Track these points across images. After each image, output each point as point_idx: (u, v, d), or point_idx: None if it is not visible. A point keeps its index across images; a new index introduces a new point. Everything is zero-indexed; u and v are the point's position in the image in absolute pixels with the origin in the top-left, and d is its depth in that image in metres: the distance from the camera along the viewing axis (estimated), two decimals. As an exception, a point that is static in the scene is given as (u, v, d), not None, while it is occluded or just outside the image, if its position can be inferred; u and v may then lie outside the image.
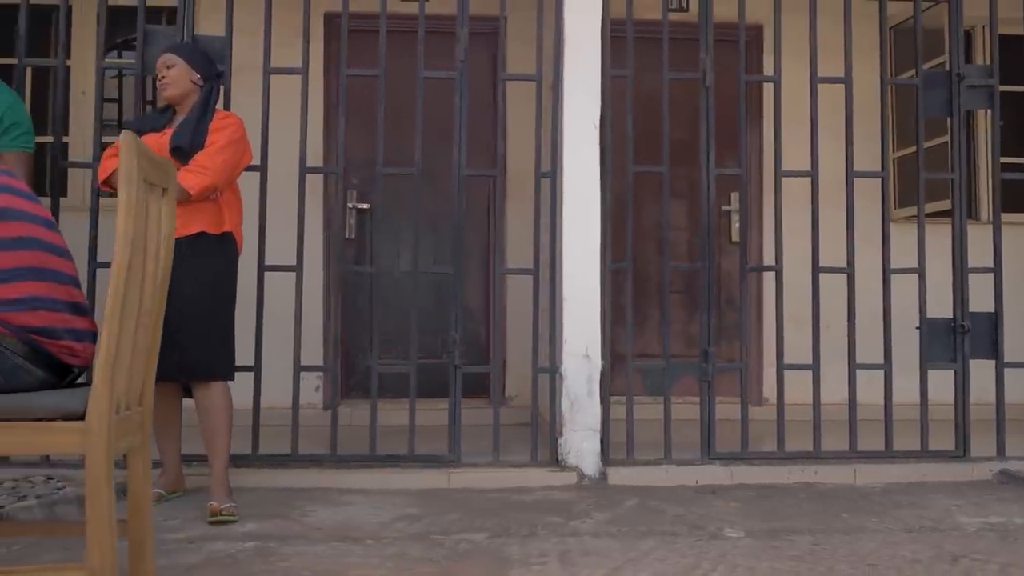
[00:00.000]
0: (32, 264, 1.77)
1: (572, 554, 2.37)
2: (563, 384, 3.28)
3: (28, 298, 1.73)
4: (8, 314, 1.70)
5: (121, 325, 1.75)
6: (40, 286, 1.76)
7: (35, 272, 1.76)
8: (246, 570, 2.22)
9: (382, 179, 3.33)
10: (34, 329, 1.73)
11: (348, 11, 3.32)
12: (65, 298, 1.81)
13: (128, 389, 1.84)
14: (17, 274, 1.73)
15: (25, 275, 1.75)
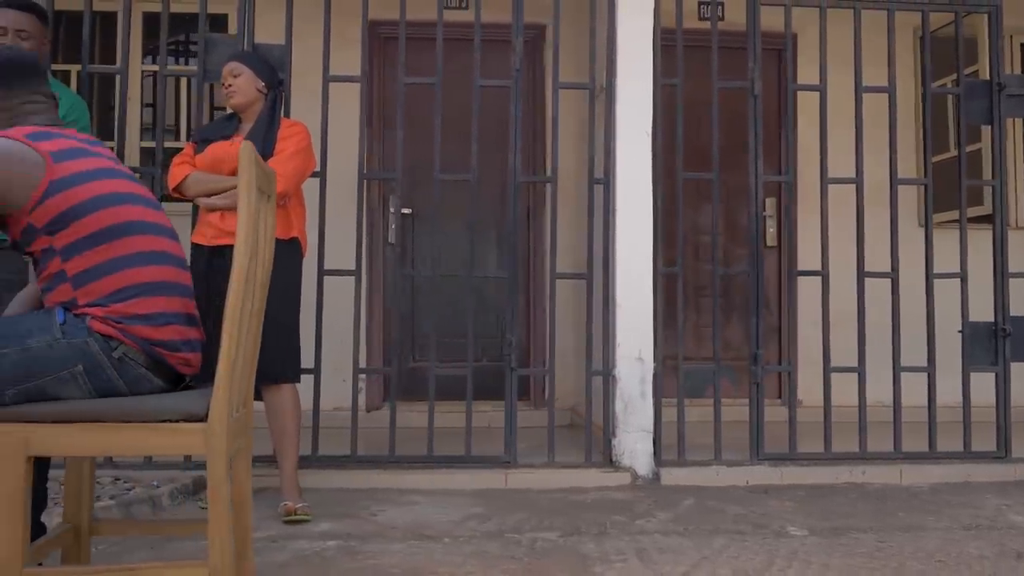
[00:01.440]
0: (163, 279, 1.81)
1: (648, 552, 2.43)
2: (616, 386, 3.34)
3: (156, 314, 1.78)
4: (137, 327, 1.75)
5: (239, 329, 1.81)
6: (167, 301, 1.81)
7: (165, 287, 1.81)
8: (337, 568, 2.28)
9: (438, 184, 3.38)
10: (157, 342, 1.78)
11: (405, 20, 3.38)
12: (183, 311, 1.86)
13: (240, 391, 1.90)
14: (150, 288, 1.78)
15: (157, 290, 1.79)
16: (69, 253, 1.73)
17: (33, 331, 1.70)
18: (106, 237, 1.75)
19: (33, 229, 1.72)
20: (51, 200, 1.71)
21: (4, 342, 1.68)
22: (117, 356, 1.74)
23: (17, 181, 1.69)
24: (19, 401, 1.70)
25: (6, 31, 2.87)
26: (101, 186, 1.77)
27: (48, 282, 1.76)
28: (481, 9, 3.42)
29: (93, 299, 1.74)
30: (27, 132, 1.77)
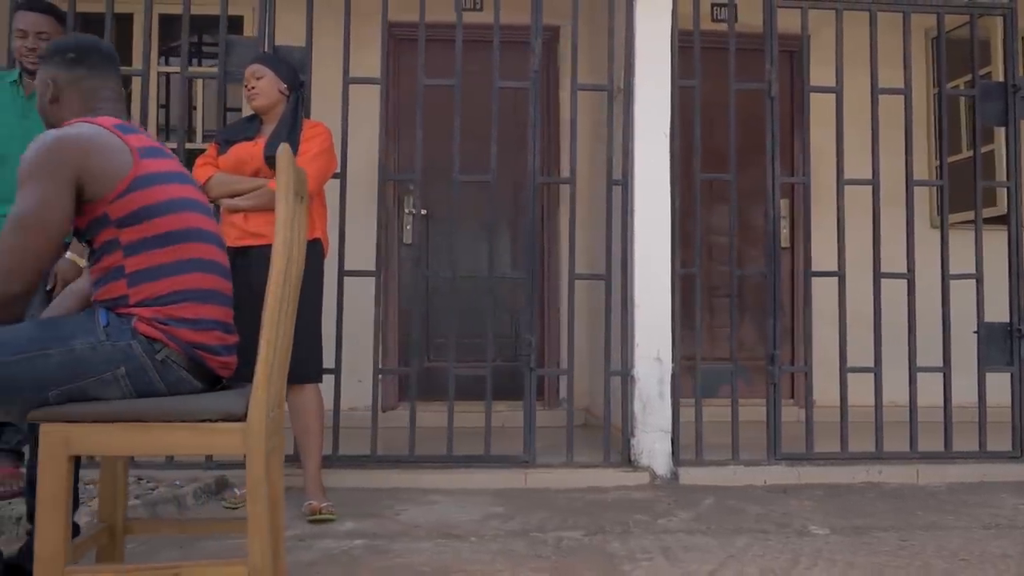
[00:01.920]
0: (211, 287, 1.84)
1: (674, 550, 2.45)
2: (635, 386, 3.36)
3: (201, 319, 1.80)
4: (181, 330, 1.77)
5: (276, 331, 1.83)
6: (211, 309, 1.83)
7: (212, 295, 1.84)
8: (367, 567, 2.30)
9: (457, 185, 3.40)
10: (199, 345, 1.80)
11: (424, 22, 3.40)
12: (224, 319, 1.88)
13: (276, 391, 1.91)
14: (200, 295, 1.80)
15: (206, 297, 1.82)
16: (133, 250, 1.75)
17: (77, 333, 1.72)
18: (170, 240, 1.78)
19: (106, 220, 1.74)
20: (131, 195, 1.73)
21: (49, 343, 1.70)
22: (160, 358, 1.76)
23: (108, 171, 1.72)
24: (61, 401, 1.71)
25: (26, 34, 2.89)
26: (174, 190, 1.80)
27: (102, 275, 1.78)
28: (486, 10, 3.43)
29: (144, 298, 1.75)
30: (115, 123, 1.80)
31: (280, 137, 2.89)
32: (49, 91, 1.88)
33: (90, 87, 1.91)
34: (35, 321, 1.81)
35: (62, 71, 1.89)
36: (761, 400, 3.76)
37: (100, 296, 1.80)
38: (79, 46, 1.92)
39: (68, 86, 1.89)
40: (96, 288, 1.81)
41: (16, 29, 2.91)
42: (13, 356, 1.67)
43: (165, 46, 4.83)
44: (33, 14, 2.90)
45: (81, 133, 1.77)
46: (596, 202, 4.18)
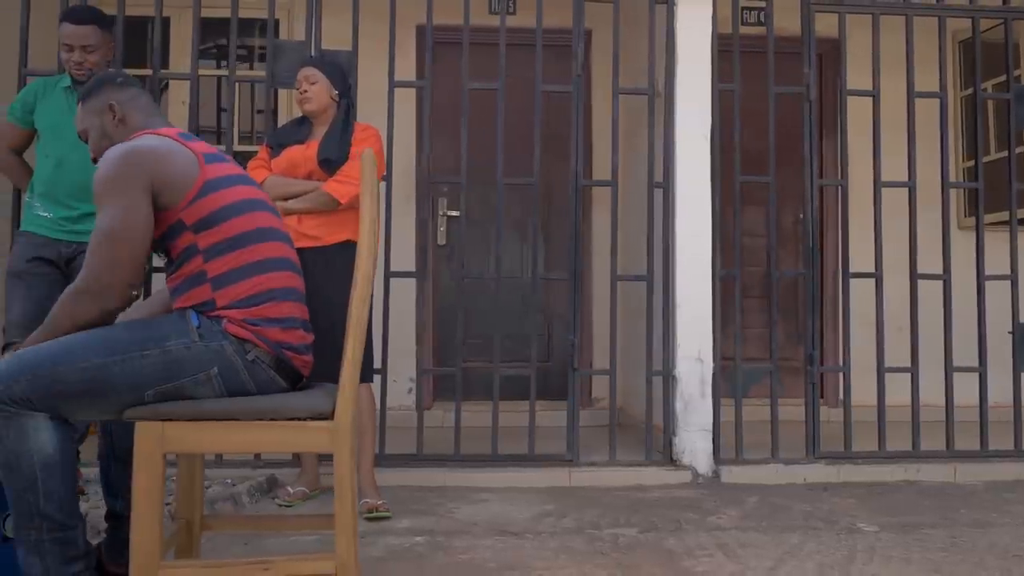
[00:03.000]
0: (289, 285, 1.89)
1: (730, 547, 2.50)
2: (677, 386, 3.41)
3: (286, 318, 1.85)
4: (270, 331, 1.82)
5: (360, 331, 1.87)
6: (292, 306, 1.88)
7: (291, 293, 1.89)
8: (433, 563, 2.34)
9: (502, 188, 3.44)
10: (287, 345, 1.85)
11: (469, 25, 3.44)
12: (304, 316, 1.93)
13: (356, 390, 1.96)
14: (281, 294, 1.85)
15: (286, 295, 1.87)
16: (211, 254, 1.79)
17: (171, 334, 1.77)
18: (245, 241, 1.82)
19: (182, 226, 1.78)
20: (203, 200, 1.78)
21: (145, 344, 1.74)
22: (250, 359, 1.80)
23: (178, 180, 1.77)
24: (156, 401, 1.76)
25: (72, 47, 2.93)
26: (241, 191, 1.85)
27: (184, 281, 1.82)
28: (519, 13, 3.47)
29: (231, 301, 1.80)
30: (178, 132, 1.86)
31: (333, 140, 2.93)
32: (114, 114, 1.94)
33: (144, 103, 2.00)
34: (130, 323, 1.85)
35: (118, 94, 1.96)
36: (793, 400, 3.82)
37: (184, 303, 1.84)
38: (120, 72, 2.06)
39: (127, 104, 1.96)
40: (177, 295, 1.86)
41: (62, 43, 2.95)
42: (111, 357, 1.72)
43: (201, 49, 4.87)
44: (77, 26, 2.94)
45: (150, 144, 1.82)
46: (630, 204, 4.22)
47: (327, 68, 3.04)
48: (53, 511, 1.71)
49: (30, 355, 1.70)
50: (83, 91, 2.00)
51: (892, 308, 3.61)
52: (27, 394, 1.67)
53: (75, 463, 1.77)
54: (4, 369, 1.67)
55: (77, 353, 1.71)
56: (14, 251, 3.01)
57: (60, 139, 2.98)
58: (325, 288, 2.78)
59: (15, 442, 1.67)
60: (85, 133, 1.97)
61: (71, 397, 1.71)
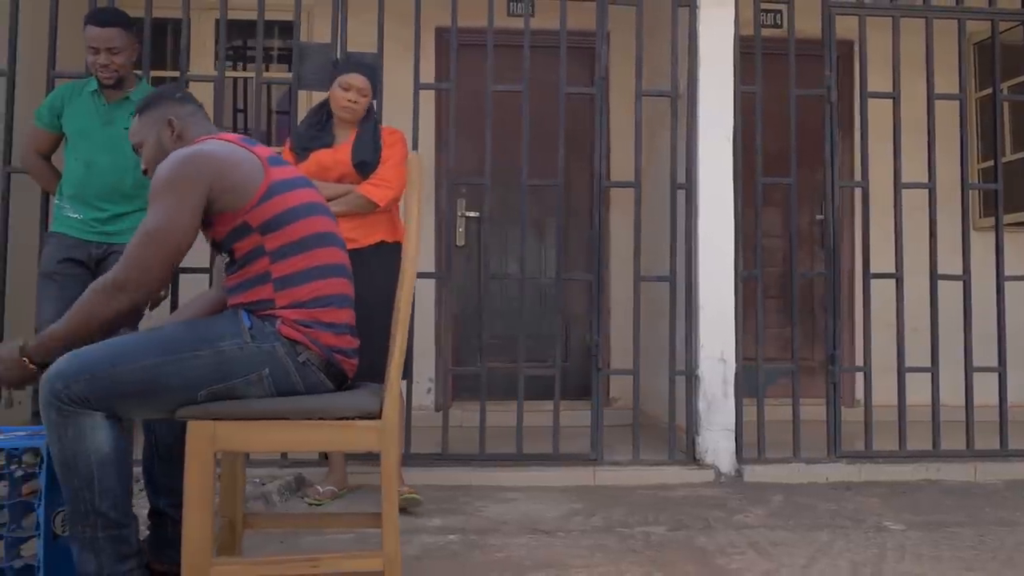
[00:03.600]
0: (344, 292, 1.92)
1: (761, 545, 2.52)
2: (700, 386, 3.43)
3: (339, 323, 1.89)
4: (323, 334, 1.85)
5: (403, 330, 1.90)
6: (346, 313, 1.92)
7: (346, 299, 1.93)
8: (471, 561, 2.37)
9: (525, 189, 3.47)
10: (337, 349, 1.88)
11: (493, 27, 3.46)
12: (352, 322, 1.96)
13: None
14: (337, 300, 1.89)
15: (342, 302, 1.90)
16: (278, 256, 1.82)
17: (224, 335, 1.79)
18: (310, 245, 1.85)
19: (247, 228, 1.81)
20: (268, 202, 1.81)
21: (199, 345, 1.77)
22: (301, 361, 1.83)
23: (243, 184, 1.80)
24: (208, 400, 1.78)
25: (98, 50, 2.96)
26: (303, 195, 1.88)
27: (246, 280, 1.85)
28: (538, 16, 3.49)
29: (290, 303, 1.83)
30: (240, 137, 1.89)
31: (365, 144, 2.95)
32: (172, 129, 1.96)
33: (201, 119, 2.03)
34: (183, 323, 1.88)
35: (177, 108, 1.99)
36: (810, 399, 3.84)
37: (242, 299, 1.87)
38: (179, 88, 2.13)
39: (186, 120, 1.98)
40: (236, 292, 1.88)
41: (88, 46, 2.97)
42: (166, 357, 1.75)
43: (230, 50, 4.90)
44: (101, 29, 2.96)
45: (212, 149, 1.85)
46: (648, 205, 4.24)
47: (375, 78, 3.02)
48: (108, 509, 1.73)
49: (87, 355, 1.72)
50: (140, 104, 2.02)
51: (907, 309, 3.63)
52: (85, 394, 1.69)
53: (130, 462, 1.80)
54: (63, 369, 1.70)
55: (133, 353, 1.73)
56: (45, 252, 3.03)
57: (88, 142, 3.01)
58: (362, 289, 2.79)
59: (73, 441, 1.70)
60: (140, 145, 1.99)
61: (127, 396, 1.73)
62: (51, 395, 1.69)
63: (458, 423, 4.02)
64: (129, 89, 3.06)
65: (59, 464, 1.72)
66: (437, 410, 4.51)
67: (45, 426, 1.73)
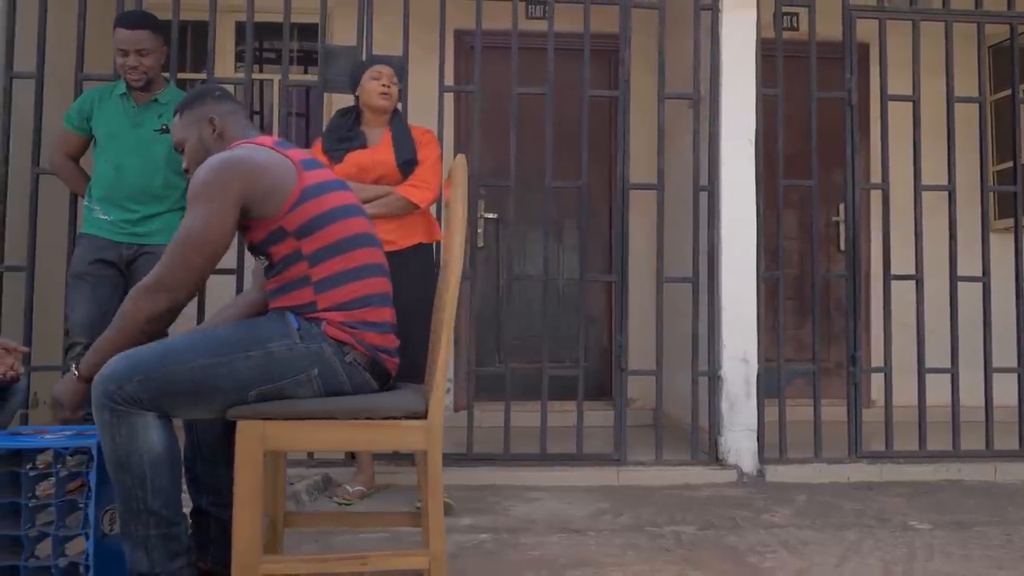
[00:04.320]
0: (384, 291, 1.94)
1: (792, 544, 2.55)
2: (722, 387, 3.46)
3: (382, 322, 1.91)
4: (368, 334, 1.87)
5: (449, 330, 1.92)
6: (387, 311, 1.94)
7: (386, 298, 1.95)
8: (505, 558, 2.39)
9: (549, 191, 3.49)
10: (382, 348, 1.90)
11: (517, 30, 3.49)
12: (394, 321, 1.99)
13: (442, 389, 2.00)
14: (378, 299, 1.91)
15: (382, 301, 1.93)
16: (316, 259, 1.84)
17: (273, 336, 1.81)
18: (347, 247, 1.87)
19: (283, 232, 1.83)
20: (303, 206, 1.83)
21: (249, 346, 1.79)
22: (348, 361, 1.85)
23: (276, 189, 1.82)
24: (258, 400, 1.80)
25: (127, 52, 2.98)
26: (338, 197, 1.90)
27: (286, 284, 1.87)
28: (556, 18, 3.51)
29: (331, 305, 1.85)
30: (275, 140, 1.91)
31: (403, 144, 2.96)
32: (213, 128, 1.99)
33: (241, 117, 2.06)
34: (232, 324, 1.90)
35: (217, 107, 2.01)
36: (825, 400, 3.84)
37: (284, 303, 1.89)
38: (218, 87, 2.11)
39: (226, 118, 2.01)
40: (277, 296, 1.91)
41: (117, 48, 3.00)
42: (217, 358, 1.77)
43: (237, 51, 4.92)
44: (131, 31, 2.98)
45: (247, 155, 1.87)
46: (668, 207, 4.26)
47: (402, 73, 3.05)
48: (160, 508, 1.75)
49: (139, 356, 1.74)
50: (181, 103, 2.04)
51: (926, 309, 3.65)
52: (138, 394, 1.71)
53: (180, 461, 1.82)
54: (116, 370, 1.72)
55: (185, 354, 1.75)
56: (76, 253, 3.06)
57: (118, 144, 3.03)
58: (401, 290, 2.82)
59: (126, 440, 1.72)
60: (181, 144, 2.01)
61: (179, 396, 1.75)
62: (104, 396, 1.71)
63: (477, 423, 4.05)
64: (157, 91, 3.09)
65: (112, 464, 1.74)
66: (456, 410, 4.54)
67: (98, 426, 1.74)
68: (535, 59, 3.63)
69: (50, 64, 3.35)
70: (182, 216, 3.10)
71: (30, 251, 3.30)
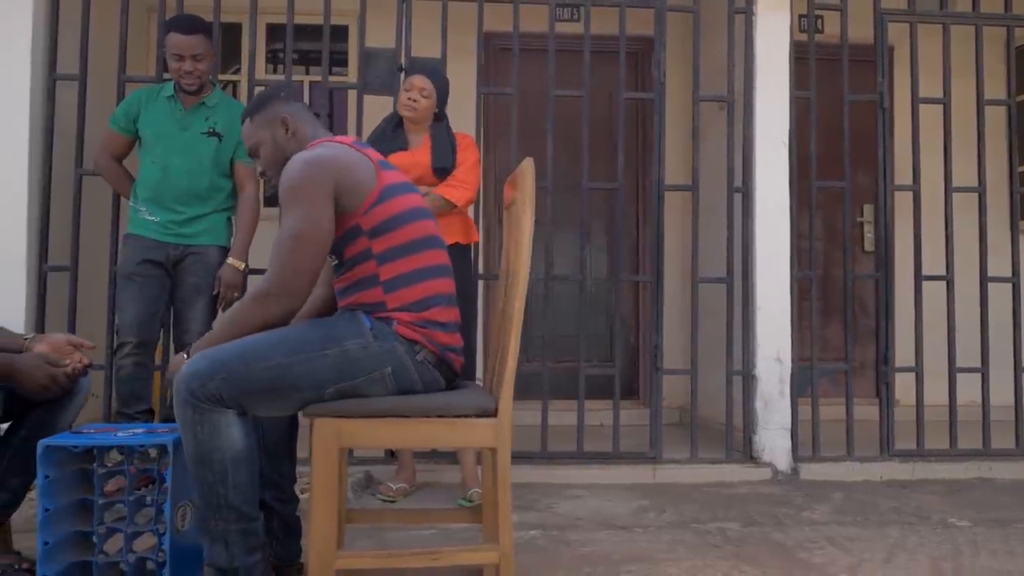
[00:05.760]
0: (450, 291, 1.98)
1: (838, 540, 2.59)
2: (757, 386, 3.50)
3: (450, 322, 1.95)
4: (438, 334, 1.91)
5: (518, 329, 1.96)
6: (454, 312, 1.98)
7: (452, 299, 1.99)
8: (559, 554, 2.43)
9: (586, 192, 3.53)
10: (450, 347, 1.94)
11: (556, 33, 3.53)
12: (459, 321, 2.02)
13: (506, 388, 2.04)
14: (445, 299, 1.95)
15: (450, 301, 1.97)
16: (385, 259, 1.88)
17: (348, 335, 1.85)
18: (416, 248, 1.91)
19: (359, 230, 1.87)
20: (381, 206, 1.87)
21: (326, 345, 1.82)
22: (419, 359, 1.89)
23: (359, 187, 1.86)
24: (335, 398, 1.84)
25: (182, 57, 3.01)
26: (410, 200, 1.94)
27: (355, 283, 1.91)
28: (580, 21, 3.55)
29: (401, 304, 1.89)
30: (352, 140, 1.95)
31: (446, 148, 3.01)
32: (287, 127, 2.02)
33: (309, 115, 2.09)
34: (307, 324, 1.93)
35: (287, 107, 2.05)
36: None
37: (353, 302, 1.93)
38: (285, 86, 2.17)
39: (296, 116, 2.04)
40: (347, 295, 1.95)
41: (171, 53, 3.02)
42: (295, 357, 1.80)
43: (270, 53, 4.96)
44: (186, 36, 3.01)
45: (333, 153, 1.91)
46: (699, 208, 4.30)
47: (439, 84, 3.07)
48: (240, 503, 1.79)
49: (221, 355, 1.78)
50: (249, 108, 2.07)
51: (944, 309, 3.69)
52: (220, 392, 1.75)
53: (257, 458, 1.85)
54: (199, 368, 1.75)
55: (265, 353, 1.79)
56: (124, 254, 3.09)
57: (165, 146, 3.06)
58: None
59: (209, 437, 1.75)
60: (256, 148, 2.04)
61: (258, 394, 1.79)
62: (188, 393, 1.75)
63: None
64: (205, 94, 3.12)
65: (193, 460, 1.77)
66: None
67: (180, 424, 1.78)
68: (564, 61, 3.67)
69: (91, 66, 3.38)
70: (227, 217, 3.19)
71: (73, 251, 3.33)
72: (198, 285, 3.06)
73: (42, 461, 1.92)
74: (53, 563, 1.94)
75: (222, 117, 3.10)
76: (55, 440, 1.95)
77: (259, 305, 1.83)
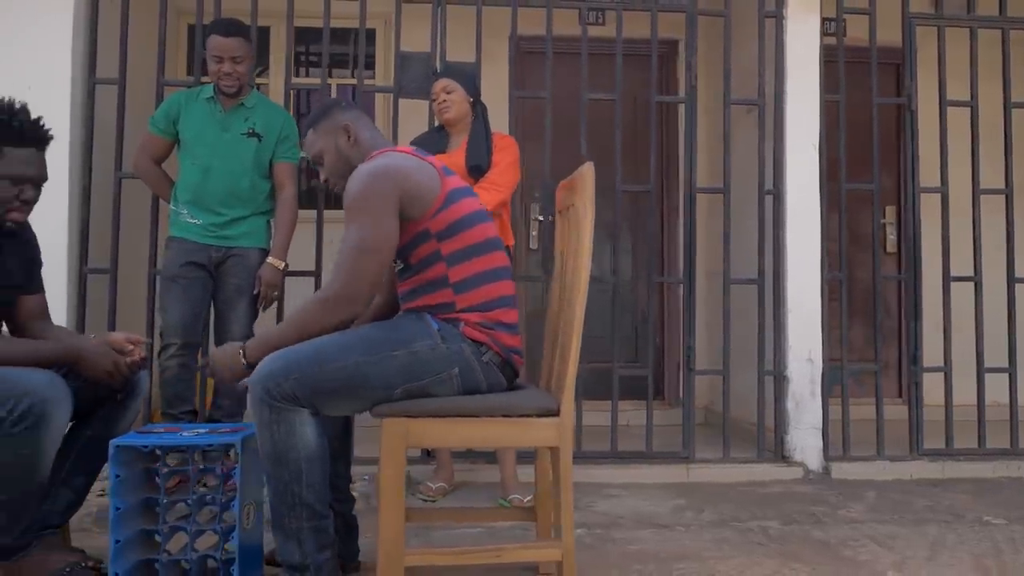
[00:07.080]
0: (512, 293, 2.03)
1: (879, 537, 2.63)
2: (788, 386, 3.54)
3: (513, 324, 2.00)
4: (502, 335, 1.95)
5: (578, 331, 2.00)
6: (516, 313, 2.02)
7: (514, 300, 2.03)
8: (607, 552, 2.46)
9: (620, 195, 3.56)
10: (513, 349, 1.99)
11: (587, 36, 3.57)
12: (518, 322, 2.06)
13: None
14: (509, 301, 2.01)
15: (512, 303, 2.01)
16: (454, 261, 1.93)
17: (416, 337, 1.89)
18: (482, 250, 1.95)
19: (427, 234, 1.92)
20: (447, 210, 1.91)
21: (395, 346, 1.87)
22: (485, 360, 1.94)
23: (425, 193, 1.91)
24: (403, 398, 1.88)
25: (222, 59, 3.05)
26: (471, 203, 1.98)
27: (423, 285, 1.96)
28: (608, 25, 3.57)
29: (469, 305, 1.93)
30: (413, 148, 1.99)
31: (478, 147, 3.04)
32: (349, 135, 2.06)
33: (368, 122, 2.14)
34: (375, 326, 1.97)
35: (346, 115, 2.09)
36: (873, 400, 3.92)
37: (421, 303, 1.97)
38: (342, 96, 2.19)
39: (357, 124, 2.09)
40: (414, 297, 1.99)
41: (211, 55, 3.06)
42: (366, 357, 1.84)
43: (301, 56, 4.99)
44: (226, 39, 3.05)
45: (397, 163, 1.95)
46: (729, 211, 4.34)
47: (461, 78, 3.13)
48: (313, 501, 1.83)
49: (294, 355, 1.82)
50: (311, 117, 2.11)
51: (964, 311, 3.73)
52: (294, 391, 1.79)
53: (328, 457, 1.89)
54: (274, 369, 1.79)
55: (337, 354, 1.83)
56: (167, 256, 3.12)
57: (205, 148, 3.10)
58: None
59: (284, 436, 1.79)
60: (320, 156, 2.08)
61: (331, 394, 1.83)
62: (264, 393, 1.79)
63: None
64: (244, 96, 3.16)
65: (269, 459, 1.81)
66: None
67: (256, 423, 1.82)
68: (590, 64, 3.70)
69: (130, 70, 3.42)
70: (267, 219, 3.22)
71: (113, 254, 3.36)
72: (240, 287, 3.10)
73: (113, 460, 1.96)
74: (122, 560, 1.97)
75: (261, 118, 3.14)
76: (126, 440, 1.99)
77: (323, 309, 1.87)
